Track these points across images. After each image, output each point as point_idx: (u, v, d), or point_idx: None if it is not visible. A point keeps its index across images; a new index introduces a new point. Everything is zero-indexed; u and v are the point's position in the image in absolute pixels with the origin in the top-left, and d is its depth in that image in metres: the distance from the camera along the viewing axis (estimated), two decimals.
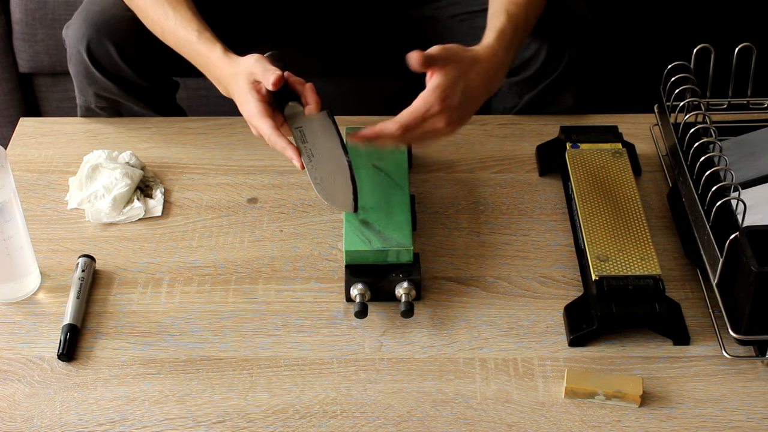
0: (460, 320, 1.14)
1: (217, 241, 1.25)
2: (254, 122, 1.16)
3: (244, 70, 1.17)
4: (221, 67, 1.21)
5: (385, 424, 1.03)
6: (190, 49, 1.25)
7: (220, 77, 1.22)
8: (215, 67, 1.22)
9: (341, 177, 1.17)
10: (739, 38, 1.29)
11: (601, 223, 1.18)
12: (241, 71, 1.18)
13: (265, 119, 1.15)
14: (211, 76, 1.25)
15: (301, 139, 1.17)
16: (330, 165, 1.17)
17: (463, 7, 1.46)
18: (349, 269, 1.15)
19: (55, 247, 1.24)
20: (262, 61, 1.17)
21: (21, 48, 1.82)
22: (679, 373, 1.08)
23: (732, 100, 1.31)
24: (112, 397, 1.06)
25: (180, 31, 1.25)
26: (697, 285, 1.17)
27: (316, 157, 1.17)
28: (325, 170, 1.17)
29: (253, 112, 1.16)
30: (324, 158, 1.17)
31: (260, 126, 1.15)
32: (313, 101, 1.18)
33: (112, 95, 1.42)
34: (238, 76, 1.18)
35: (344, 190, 1.17)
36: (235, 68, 1.19)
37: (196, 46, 1.24)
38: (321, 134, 1.18)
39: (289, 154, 1.14)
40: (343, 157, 1.17)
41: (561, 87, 1.43)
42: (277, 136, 1.14)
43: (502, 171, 1.35)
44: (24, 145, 1.41)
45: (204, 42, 1.23)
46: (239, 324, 1.14)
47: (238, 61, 1.19)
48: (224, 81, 1.22)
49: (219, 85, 1.24)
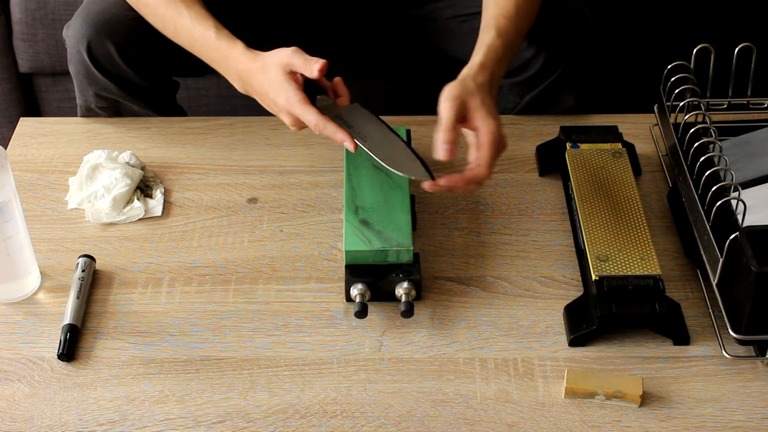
0: (460, 320, 1.14)
1: (217, 241, 1.25)
2: (296, 111, 1.15)
3: (279, 61, 1.17)
4: (244, 61, 1.21)
5: (385, 424, 1.03)
6: (208, 46, 1.25)
7: (240, 72, 1.22)
8: (236, 62, 1.22)
9: (404, 151, 1.15)
10: (739, 38, 1.29)
11: (601, 223, 1.18)
12: (272, 63, 1.17)
13: (309, 107, 1.15)
14: (228, 71, 1.24)
15: (346, 125, 1.16)
16: (387, 144, 1.15)
17: (462, 8, 1.46)
18: (349, 269, 1.15)
19: (55, 247, 1.24)
20: (299, 52, 1.17)
21: (21, 48, 1.82)
22: (679, 373, 1.08)
23: (732, 100, 1.31)
24: (112, 397, 1.06)
25: (197, 27, 1.25)
26: (697, 285, 1.17)
27: (368, 138, 1.15)
28: (385, 148, 1.15)
29: (294, 100, 1.15)
30: (378, 139, 1.15)
31: (303, 113, 1.15)
32: (344, 93, 1.19)
33: (112, 95, 1.42)
34: (269, 68, 1.18)
35: (414, 163, 1.14)
36: (263, 61, 1.19)
37: (214, 42, 1.24)
38: (362, 119, 1.17)
39: (340, 137, 1.13)
40: (395, 136, 1.16)
41: (562, 87, 1.43)
42: (325, 121, 1.14)
43: (502, 171, 1.35)
44: (24, 145, 1.41)
45: (224, 38, 1.23)
46: (239, 324, 1.14)
47: (264, 54, 1.19)
48: (245, 75, 1.21)
49: (238, 80, 1.23)
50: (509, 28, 1.21)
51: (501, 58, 1.19)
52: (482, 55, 1.18)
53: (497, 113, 1.14)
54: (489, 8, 1.24)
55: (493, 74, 1.17)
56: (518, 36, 1.24)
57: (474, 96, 1.13)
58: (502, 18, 1.22)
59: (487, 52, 1.18)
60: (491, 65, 1.17)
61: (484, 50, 1.18)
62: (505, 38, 1.20)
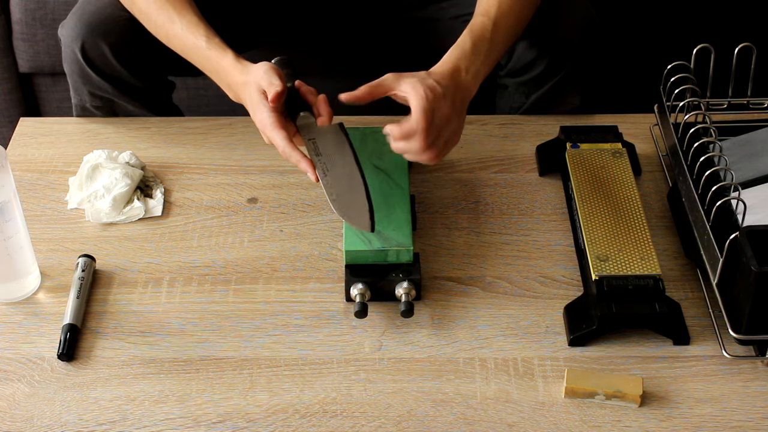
0: (460, 320, 1.14)
1: (217, 241, 1.25)
2: (267, 133, 1.16)
3: (255, 79, 1.17)
4: (233, 73, 1.21)
5: (385, 424, 1.03)
6: (199, 55, 1.25)
7: (230, 83, 1.22)
8: (226, 74, 1.22)
9: (357, 195, 1.15)
10: (739, 38, 1.29)
11: (601, 223, 1.18)
12: (251, 80, 1.18)
13: (278, 130, 1.15)
14: (221, 81, 1.24)
15: (314, 151, 1.17)
16: (345, 181, 1.16)
17: (465, 8, 1.46)
18: (349, 269, 1.15)
19: (55, 247, 1.24)
20: (270, 72, 1.16)
21: (21, 48, 1.82)
22: (679, 373, 1.08)
23: (732, 100, 1.31)
24: (112, 397, 1.06)
25: (188, 36, 1.25)
26: (697, 285, 1.17)
27: (330, 171, 1.16)
28: (342, 186, 1.15)
29: (267, 122, 1.16)
30: (339, 174, 1.16)
31: (273, 137, 1.15)
32: (325, 113, 1.18)
33: (107, 95, 1.43)
34: (249, 85, 1.18)
35: (361, 209, 1.15)
36: (246, 77, 1.19)
37: (205, 51, 1.23)
38: (334, 148, 1.18)
39: (303, 167, 1.14)
40: (358, 174, 1.16)
41: (567, 87, 1.43)
42: (291, 149, 1.14)
43: (502, 171, 1.35)
44: (24, 145, 1.41)
45: (213, 48, 1.23)
46: (239, 324, 1.14)
47: (249, 68, 1.19)
48: (235, 88, 1.21)
49: (229, 90, 1.24)
50: (485, 25, 1.23)
51: (470, 54, 1.20)
52: (447, 54, 1.20)
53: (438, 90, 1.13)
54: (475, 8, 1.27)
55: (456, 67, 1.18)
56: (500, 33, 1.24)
57: (415, 75, 1.15)
58: (479, 16, 1.24)
59: (453, 50, 1.21)
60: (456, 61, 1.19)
61: (452, 49, 1.21)
62: (477, 35, 1.22)
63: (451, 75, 1.17)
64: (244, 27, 1.49)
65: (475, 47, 1.21)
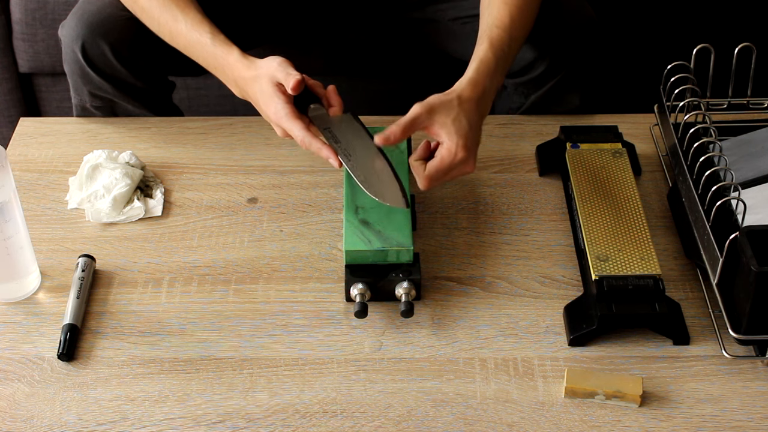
0: (460, 320, 1.14)
1: (217, 241, 1.25)
2: (284, 124, 1.16)
3: (267, 72, 1.17)
4: (239, 69, 1.21)
5: (385, 424, 1.03)
6: (204, 52, 1.25)
7: (237, 79, 1.22)
8: (232, 69, 1.22)
9: (385, 174, 1.15)
10: (739, 38, 1.29)
11: (601, 223, 1.18)
12: (263, 74, 1.17)
13: (295, 121, 1.15)
14: (226, 77, 1.24)
15: (333, 139, 1.16)
16: (370, 163, 1.16)
17: (464, 10, 1.46)
18: (349, 269, 1.15)
19: (55, 247, 1.24)
20: (284, 63, 1.17)
21: (21, 48, 1.82)
22: (679, 372, 1.08)
23: (732, 100, 1.31)
24: (112, 397, 1.06)
25: (192, 33, 1.25)
26: (697, 285, 1.17)
27: (353, 156, 1.15)
28: (367, 168, 1.15)
29: (282, 114, 1.15)
30: (362, 156, 1.16)
31: (291, 128, 1.15)
32: (337, 103, 1.18)
33: (107, 95, 1.43)
34: (261, 79, 1.17)
35: (392, 187, 1.15)
36: (256, 71, 1.18)
37: (210, 48, 1.23)
38: (351, 134, 1.17)
39: (325, 154, 1.14)
40: (380, 155, 1.16)
41: (567, 87, 1.43)
42: (311, 138, 1.14)
43: (502, 171, 1.35)
44: (24, 145, 1.41)
45: (219, 44, 1.23)
46: (239, 324, 1.14)
47: (258, 63, 1.19)
48: (242, 83, 1.21)
49: (235, 86, 1.23)
50: (503, 39, 1.21)
51: (494, 71, 1.19)
52: (474, 71, 1.18)
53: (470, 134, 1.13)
54: (484, 18, 1.24)
55: (484, 89, 1.17)
56: (513, 45, 1.23)
57: (448, 111, 1.13)
58: (495, 28, 1.21)
59: (478, 67, 1.18)
60: (483, 80, 1.17)
61: (476, 64, 1.18)
62: (498, 49, 1.20)
63: (477, 102, 1.16)
64: (244, 26, 1.49)
65: (497, 63, 1.19)
